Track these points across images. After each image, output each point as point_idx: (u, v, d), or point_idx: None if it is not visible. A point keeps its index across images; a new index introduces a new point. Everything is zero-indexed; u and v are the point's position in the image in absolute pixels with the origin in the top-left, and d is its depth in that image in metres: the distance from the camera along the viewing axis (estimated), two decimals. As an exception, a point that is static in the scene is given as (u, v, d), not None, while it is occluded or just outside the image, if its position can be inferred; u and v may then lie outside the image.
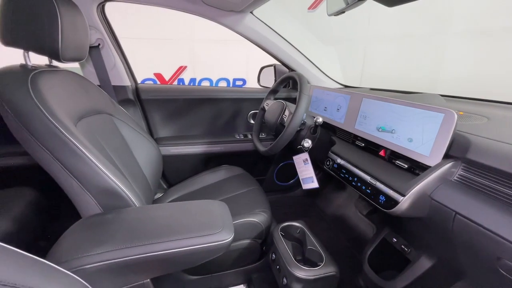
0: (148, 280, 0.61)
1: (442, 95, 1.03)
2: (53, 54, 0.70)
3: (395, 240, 0.93)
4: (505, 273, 0.48)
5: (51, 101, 0.65)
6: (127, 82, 1.21)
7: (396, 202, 0.63)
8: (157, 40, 3.76)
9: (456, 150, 0.59)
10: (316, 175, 0.99)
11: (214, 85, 4.20)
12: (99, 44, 1.08)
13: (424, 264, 0.82)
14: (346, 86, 1.49)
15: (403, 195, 0.62)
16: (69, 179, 0.66)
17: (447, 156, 0.61)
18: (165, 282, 0.83)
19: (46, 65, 0.79)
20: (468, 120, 0.72)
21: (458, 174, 0.58)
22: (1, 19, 0.66)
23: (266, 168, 1.56)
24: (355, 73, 3.65)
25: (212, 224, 0.63)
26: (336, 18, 0.78)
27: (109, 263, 0.53)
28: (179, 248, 0.57)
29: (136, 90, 1.25)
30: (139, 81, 1.31)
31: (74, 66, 0.94)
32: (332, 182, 1.56)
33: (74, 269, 0.51)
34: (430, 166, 0.62)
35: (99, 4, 1.03)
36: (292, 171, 1.58)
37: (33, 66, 0.72)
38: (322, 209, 1.53)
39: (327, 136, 1.03)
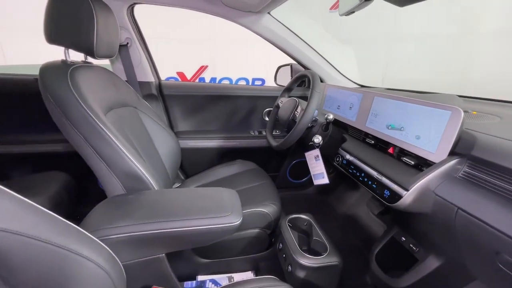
0: (163, 255, 0.67)
1: (460, 96, 1.02)
2: (89, 51, 0.78)
3: (404, 239, 0.93)
4: (504, 268, 0.49)
5: (86, 92, 0.73)
6: (151, 78, 1.30)
7: (399, 196, 0.64)
8: (180, 40, 3.91)
9: (462, 147, 0.60)
10: (330, 173, 1.01)
11: (233, 83, 4.29)
12: (127, 43, 1.18)
13: (431, 263, 0.82)
14: (362, 86, 1.49)
15: (407, 190, 0.63)
16: (98, 162, 0.74)
17: (453, 153, 0.61)
18: (179, 262, 0.89)
19: (82, 61, 0.88)
20: (480, 119, 0.71)
21: (463, 171, 0.59)
22: (46, 21, 0.75)
23: (279, 165, 1.59)
24: (377, 74, 3.57)
25: (222, 208, 0.69)
26: (360, 18, 0.80)
27: (129, 235, 0.60)
28: (190, 227, 0.63)
29: (159, 86, 1.34)
30: (162, 79, 1.40)
31: (104, 62, 1.04)
32: (345, 182, 1.56)
33: (100, 238, 0.58)
34: (435, 163, 0.63)
35: (129, 6, 1.13)
36: (305, 169, 1.60)
37: (72, 62, 0.81)
38: (333, 207, 1.54)
39: (339, 134, 1.05)
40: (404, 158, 0.74)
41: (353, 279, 1.06)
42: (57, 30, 0.76)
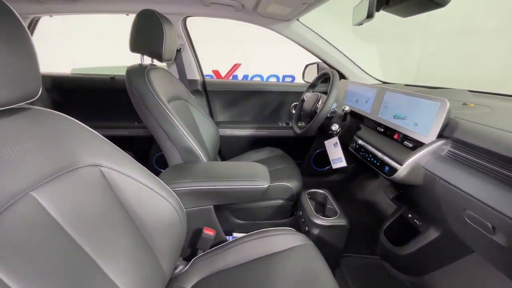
0: (212, 206, 0.92)
1: (471, 91, 1.12)
2: (158, 56, 1.05)
3: (410, 215, 1.08)
4: (468, 220, 0.64)
5: (157, 87, 1.00)
6: (197, 76, 1.57)
7: (395, 170, 0.81)
8: (215, 40, 4.19)
9: (449, 131, 0.74)
10: (350, 163, 1.15)
11: (264, 81, 4.49)
12: (180, 48, 1.45)
13: (431, 234, 0.96)
14: (384, 82, 1.61)
15: (401, 165, 0.79)
16: (165, 140, 1.00)
17: (441, 136, 0.76)
18: (220, 221, 1.13)
19: (150, 64, 1.15)
20: (473, 110, 0.84)
21: (448, 150, 0.74)
22: (131, 35, 1.03)
23: (304, 153, 1.78)
24: (410, 71, 3.51)
25: (255, 175, 0.91)
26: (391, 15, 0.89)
27: (190, 188, 0.85)
28: (232, 186, 0.87)
29: (203, 83, 1.61)
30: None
31: (161, 64, 1.30)
32: (365, 171, 1.69)
33: (171, 189, 0.83)
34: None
35: (183, 19, 1.40)
36: (328, 158, 1.76)
37: (145, 65, 1.08)
38: (353, 193, 1.69)
39: (356, 123, 1.21)
40: (405, 142, 0.89)
41: (365, 250, 1.22)
42: (138, 42, 1.04)
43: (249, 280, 0.72)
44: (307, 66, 1.75)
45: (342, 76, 1.59)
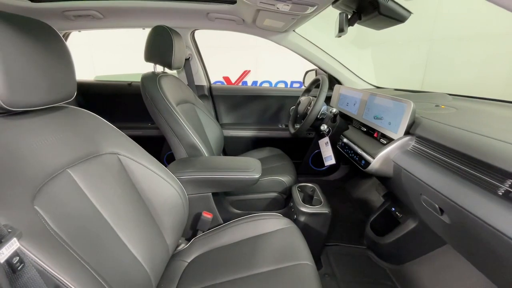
0: (210, 194, 1.06)
1: (451, 94, 1.21)
2: (169, 65, 1.21)
3: (394, 209, 1.17)
4: (424, 204, 0.74)
5: (167, 92, 1.16)
6: (204, 82, 1.73)
7: (369, 163, 0.92)
8: (226, 48, 4.40)
9: (414, 129, 0.85)
10: (345, 164, 1.21)
11: (273, 86, 4.64)
12: (189, 57, 1.62)
13: (409, 225, 1.06)
14: (377, 87, 1.71)
15: (373, 158, 0.90)
16: (173, 137, 1.16)
17: (408, 133, 0.87)
18: (221, 211, 1.26)
19: (162, 71, 1.32)
20: (441, 111, 0.94)
21: (412, 145, 0.84)
22: (146, 47, 1.20)
23: (302, 153, 1.89)
24: (416, 77, 3.53)
25: (248, 167, 1.05)
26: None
27: (192, 177, 1.00)
28: (227, 176, 1.01)
29: (210, 88, 1.77)
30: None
31: (172, 72, 1.47)
32: (360, 172, 1.79)
33: (176, 177, 0.98)
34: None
35: (191, 32, 1.57)
36: (325, 159, 1.87)
37: (157, 73, 1.25)
38: (349, 192, 1.78)
39: (345, 125, 1.32)
40: (381, 139, 1.00)
41: (354, 242, 1.32)
42: (151, 53, 1.21)
43: (239, 256, 0.85)
44: (307, 72, 1.88)
45: (337, 82, 1.71)
